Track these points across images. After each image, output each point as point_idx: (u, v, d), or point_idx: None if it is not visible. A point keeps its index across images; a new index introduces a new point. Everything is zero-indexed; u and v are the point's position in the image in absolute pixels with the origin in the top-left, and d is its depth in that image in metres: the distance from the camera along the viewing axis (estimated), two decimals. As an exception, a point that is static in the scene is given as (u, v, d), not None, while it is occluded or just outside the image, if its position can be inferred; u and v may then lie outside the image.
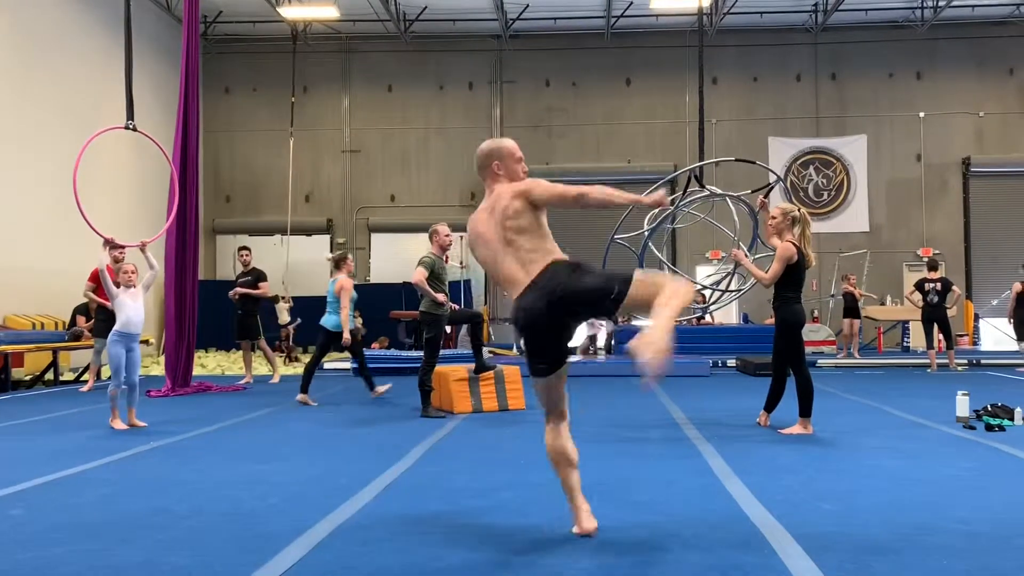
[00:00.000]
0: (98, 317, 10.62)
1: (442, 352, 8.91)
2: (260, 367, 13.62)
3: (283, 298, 17.23)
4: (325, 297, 9.61)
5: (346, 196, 21.11)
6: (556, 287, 3.46)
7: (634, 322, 10.03)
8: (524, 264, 3.58)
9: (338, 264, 9.51)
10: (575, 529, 3.70)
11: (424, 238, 8.59)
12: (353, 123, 21.18)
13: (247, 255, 11.97)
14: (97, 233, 8.24)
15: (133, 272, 7.61)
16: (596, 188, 3.65)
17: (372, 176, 21.16)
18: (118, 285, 7.52)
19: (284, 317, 17.20)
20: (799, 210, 6.95)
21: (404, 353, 13.84)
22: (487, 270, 3.79)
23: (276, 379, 11.94)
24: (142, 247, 8.04)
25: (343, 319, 9.13)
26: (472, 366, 8.52)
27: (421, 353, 8.54)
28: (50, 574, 3.27)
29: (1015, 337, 14.03)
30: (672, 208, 10.70)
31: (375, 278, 20.75)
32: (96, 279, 9.99)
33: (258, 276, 11.72)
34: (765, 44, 20.61)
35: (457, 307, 9.10)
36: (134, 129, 9.64)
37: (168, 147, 11.47)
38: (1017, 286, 13.54)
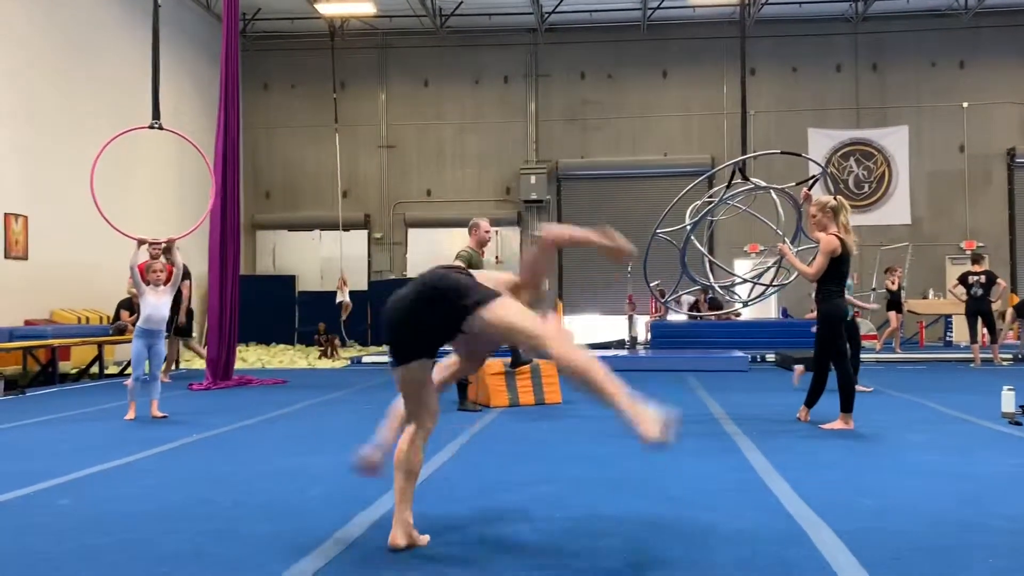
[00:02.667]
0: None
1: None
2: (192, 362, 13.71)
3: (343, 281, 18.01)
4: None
5: (383, 191, 21.22)
6: (429, 274, 3.44)
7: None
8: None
9: None
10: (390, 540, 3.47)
11: (460, 232, 8.61)
12: (390, 118, 21.28)
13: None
14: (114, 228, 8.52)
15: (161, 271, 7.83)
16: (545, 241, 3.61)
17: (408, 171, 21.25)
18: (147, 283, 7.72)
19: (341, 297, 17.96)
20: (835, 199, 6.87)
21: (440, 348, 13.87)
22: None
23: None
24: (169, 243, 8.22)
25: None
26: (509, 360, 8.53)
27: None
28: (96, 563, 3.34)
29: None
30: (716, 201, 10.63)
31: (412, 273, 20.88)
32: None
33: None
34: (804, 34, 20.34)
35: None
36: (160, 128, 9.78)
37: (210, 144, 11.64)
38: None
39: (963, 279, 13.06)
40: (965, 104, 20.11)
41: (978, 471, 4.99)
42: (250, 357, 15.58)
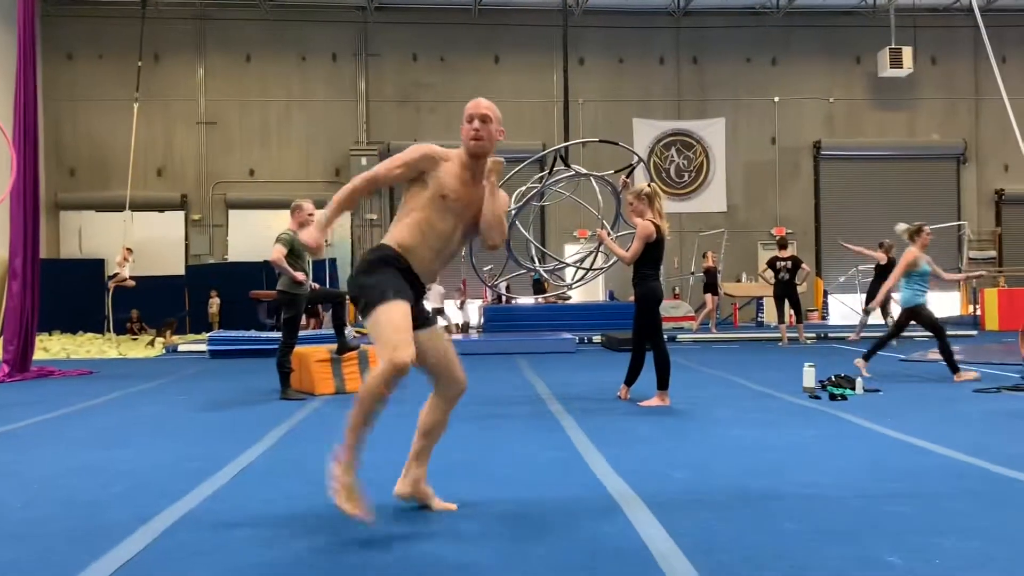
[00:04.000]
0: None
1: (305, 333, 8.67)
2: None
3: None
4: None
5: (201, 170, 20.25)
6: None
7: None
8: None
9: (912, 236, 8.61)
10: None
11: (285, 215, 8.32)
12: (209, 94, 20.30)
13: None
14: None
15: None
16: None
17: (230, 150, 20.37)
18: None
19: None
20: (649, 186, 7.12)
21: (264, 334, 13.42)
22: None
23: None
24: None
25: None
26: (335, 346, 8.32)
27: (279, 335, 8.27)
28: None
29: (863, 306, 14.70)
30: (539, 187, 10.80)
31: (233, 256, 20.02)
32: None
33: None
34: (630, 26, 20.99)
35: (318, 286, 8.87)
36: None
37: (7, 118, 10.70)
38: (880, 257, 13.89)
39: (771, 263, 13.88)
40: (776, 99, 21.40)
41: (780, 442, 5.30)
42: (53, 347, 14.48)
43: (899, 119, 21.91)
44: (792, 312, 13.92)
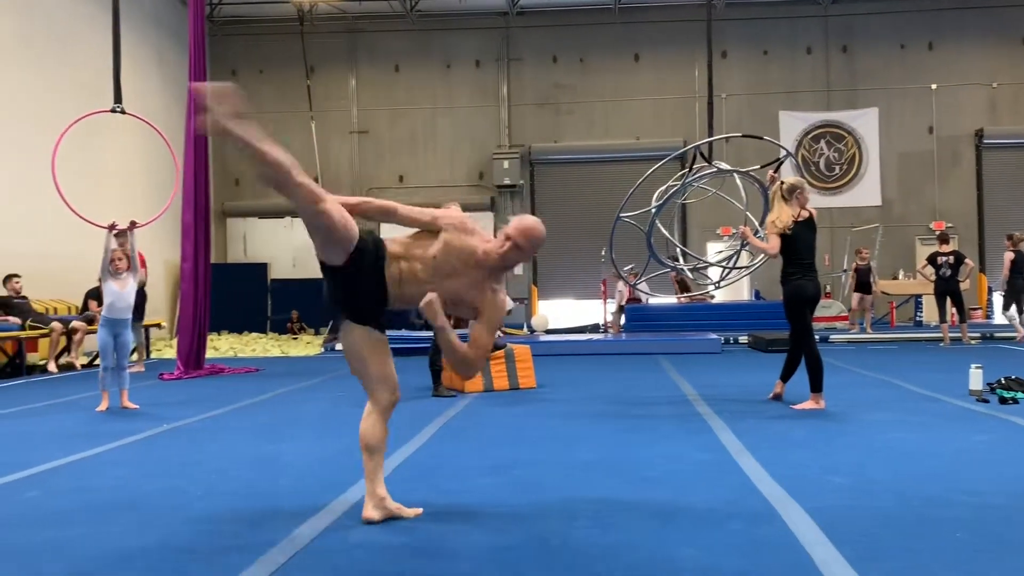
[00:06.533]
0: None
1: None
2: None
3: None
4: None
5: (355, 177, 21.07)
6: None
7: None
8: None
9: None
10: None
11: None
12: (360, 104, 21.11)
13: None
14: (77, 215, 8.56)
15: (120, 259, 7.66)
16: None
17: (381, 157, 21.10)
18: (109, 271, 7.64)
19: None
20: (782, 182, 6.95)
21: (414, 333, 13.85)
22: None
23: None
24: (131, 228, 8.11)
25: None
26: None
27: (431, 333, 8.53)
28: (65, 555, 3.30)
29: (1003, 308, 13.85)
30: (680, 184, 10.69)
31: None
32: None
33: None
34: (775, 17, 20.40)
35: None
36: (122, 112, 9.67)
37: (179, 132, 11.50)
38: (1008, 255, 13.17)
39: (932, 259, 13.20)
40: (934, 86, 20.28)
41: (945, 448, 5.06)
42: (222, 346, 15.45)
43: (1074, 102, 20.32)
44: (954, 311, 13.18)
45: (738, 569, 2.96)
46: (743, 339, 14.51)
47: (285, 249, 20.46)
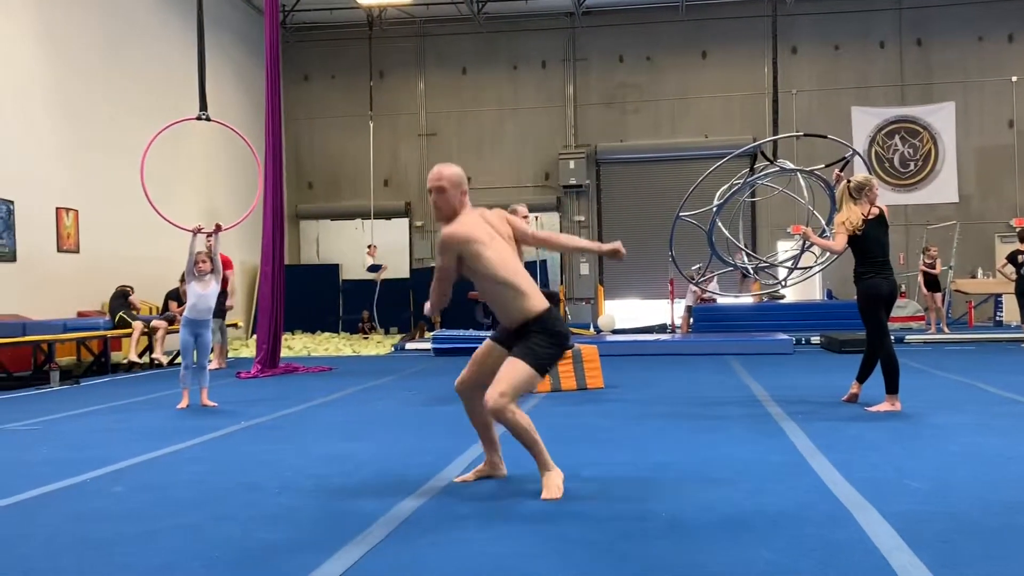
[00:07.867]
0: None
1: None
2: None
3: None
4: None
5: (424, 179, 21.19)
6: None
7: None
8: (533, 286, 4.33)
9: None
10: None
11: (500, 219, 8.62)
12: (428, 106, 21.33)
13: None
14: (164, 218, 8.87)
15: (204, 262, 7.89)
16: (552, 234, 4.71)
17: (448, 158, 20.89)
18: (192, 273, 7.88)
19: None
20: (848, 181, 6.83)
21: (481, 333, 13.94)
22: (499, 269, 4.29)
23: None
24: (216, 231, 8.34)
25: None
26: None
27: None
28: (151, 548, 3.44)
29: None
30: (741, 183, 10.59)
31: (452, 260, 20.92)
32: None
33: None
34: (846, 11, 19.97)
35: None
36: (207, 119, 9.94)
37: (256, 137, 11.80)
38: None
39: (1012, 258, 12.79)
40: (1014, 78, 19.61)
41: (1029, 452, 4.91)
42: (296, 345, 15.79)
43: None
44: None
45: (815, 574, 2.93)
46: (815, 339, 14.25)
47: (355, 250, 20.79)
